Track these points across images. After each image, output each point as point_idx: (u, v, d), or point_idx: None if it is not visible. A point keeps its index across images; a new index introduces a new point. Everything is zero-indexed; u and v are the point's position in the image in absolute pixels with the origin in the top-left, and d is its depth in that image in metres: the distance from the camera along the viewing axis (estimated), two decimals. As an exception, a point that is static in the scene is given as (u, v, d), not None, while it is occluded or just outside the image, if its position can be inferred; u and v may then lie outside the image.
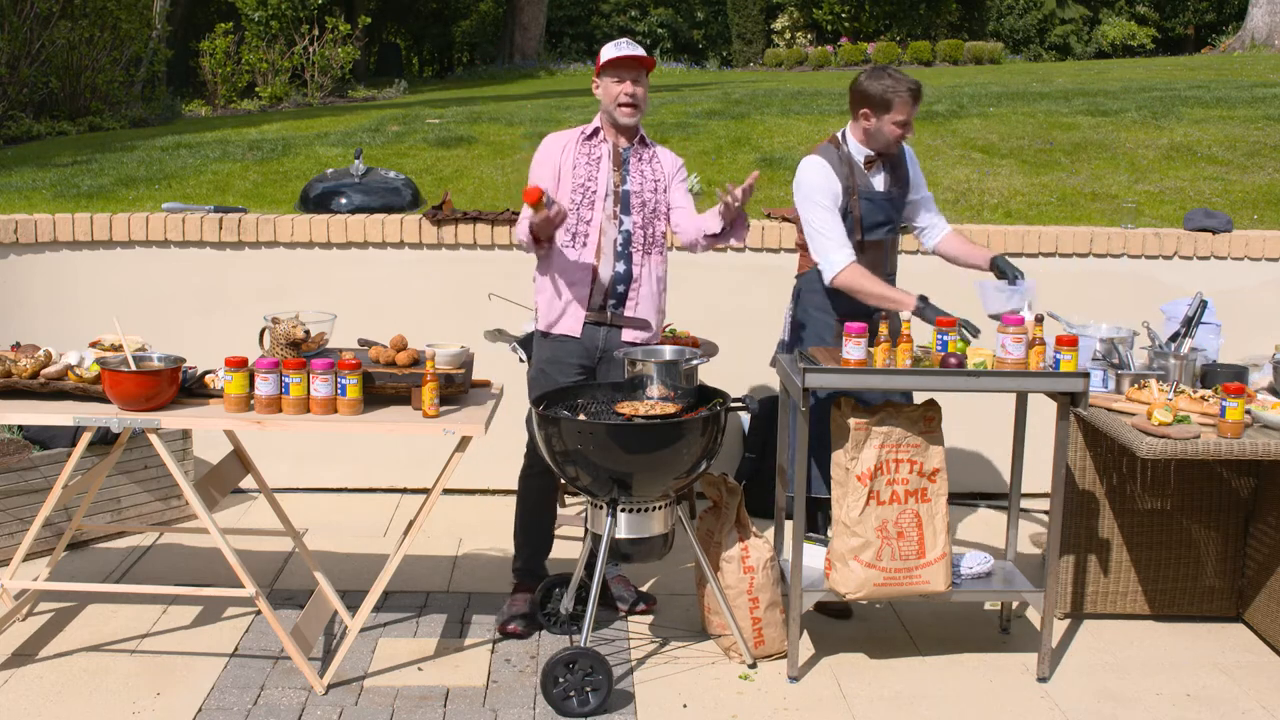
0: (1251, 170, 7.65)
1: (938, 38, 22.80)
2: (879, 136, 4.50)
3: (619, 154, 4.41)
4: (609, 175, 4.38)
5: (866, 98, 4.46)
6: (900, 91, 4.42)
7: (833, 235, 4.43)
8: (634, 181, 4.41)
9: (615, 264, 4.37)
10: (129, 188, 7.04)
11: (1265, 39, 19.14)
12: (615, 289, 4.39)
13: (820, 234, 4.45)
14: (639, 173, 4.43)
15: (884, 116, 4.45)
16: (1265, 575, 4.57)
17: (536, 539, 4.61)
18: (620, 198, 4.38)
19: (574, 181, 4.36)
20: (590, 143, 4.41)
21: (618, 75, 4.33)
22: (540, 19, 24.21)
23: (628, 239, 4.37)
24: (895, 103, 4.42)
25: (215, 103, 14.98)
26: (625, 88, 4.32)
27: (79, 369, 4.02)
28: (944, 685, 4.15)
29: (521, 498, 4.60)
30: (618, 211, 4.38)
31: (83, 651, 4.27)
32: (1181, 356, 4.55)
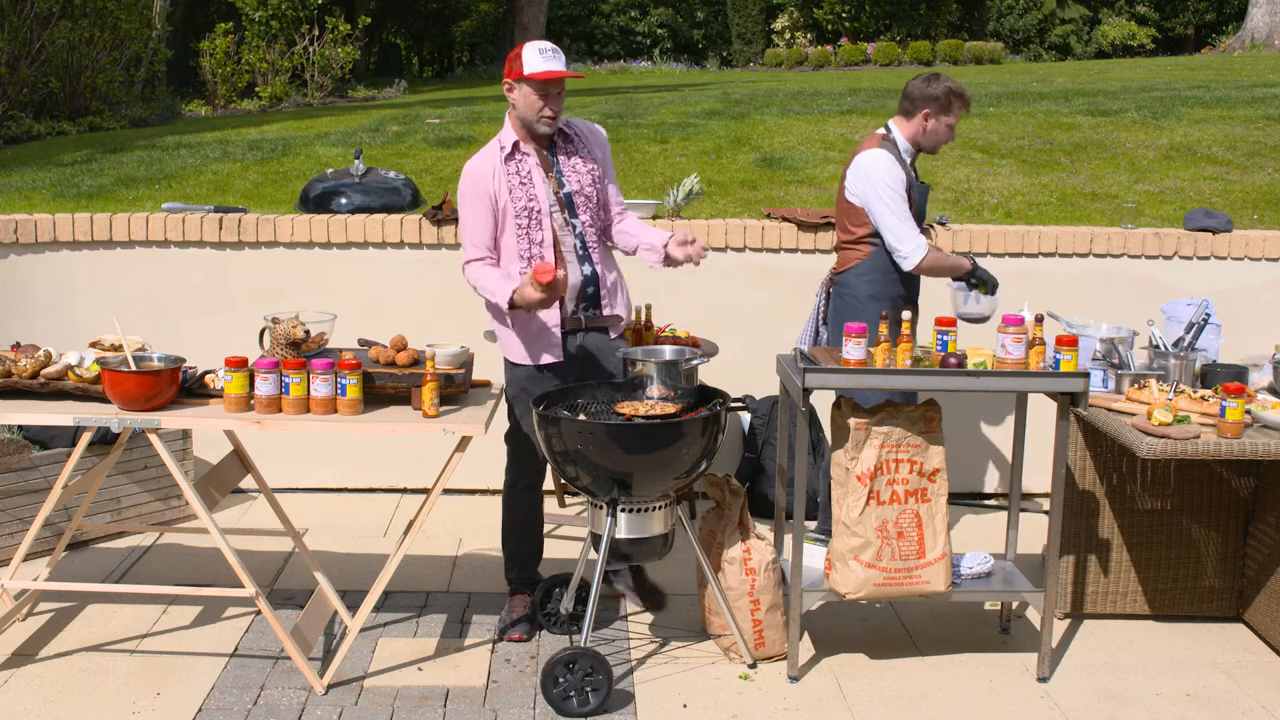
0: (1251, 170, 7.65)
1: (938, 38, 22.81)
2: (934, 135, 4.86)
3: (546, 160, 4.27)
4: (545, 186, 4.24)
5: (930, 99, 4.81)
6: (958, 98, 4.83)
7: (910, 224, 4.74)
8: (571, 181, 4.28)
9: (581, 268, 4.28)
10: (129, 188, 7.04)
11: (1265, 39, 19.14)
12: (586, 292, 4.31)
13: (903, 224, 4.73)
14: (572, 170, 4.28)
15: (942, 118, 4.82)
16: (1265, 575, 4.57)
17: (529, 548, 4.59)
18: (564, 202, 4.26)
19: (514, 207, 4.19)
20: (513, 161, 4.23)
21: (542, 89, 4.13)
22: (540, 19, 24.20)
23: (583, 240, 4.28)
24: (954, 106, 4.82)
25: (215, 103, 14.99)
26: (550, 104, 4.16)
27: (79, 369, 4.02)
28: (944, 685, 4.15)
29: (509, 512, 4.55)
30: (567, 217, 4.26)
31: (83, 651, 4.27)
32: (1183, 357, 4.56)
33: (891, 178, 4.73)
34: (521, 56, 4.13)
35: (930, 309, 4.98)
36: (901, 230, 4.72)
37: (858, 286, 4.86)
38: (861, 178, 4.80)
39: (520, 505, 4.54)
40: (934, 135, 4.86)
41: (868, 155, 4.82)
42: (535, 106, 4.15)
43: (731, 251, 6.06)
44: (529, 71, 4.10)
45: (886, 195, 4.72)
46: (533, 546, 4.60)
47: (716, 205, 6.76)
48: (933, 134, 4.85)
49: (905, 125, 4.88)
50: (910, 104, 4.86)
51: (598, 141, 4.40)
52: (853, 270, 4.88)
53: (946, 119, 4.83)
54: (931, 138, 4.86)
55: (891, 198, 4.72)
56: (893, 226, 4.73)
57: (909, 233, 4.72)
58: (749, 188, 7.16)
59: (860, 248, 4.86)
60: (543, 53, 4.12)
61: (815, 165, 7.63)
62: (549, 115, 4.17)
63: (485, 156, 4.26)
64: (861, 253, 4.85)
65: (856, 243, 4.87)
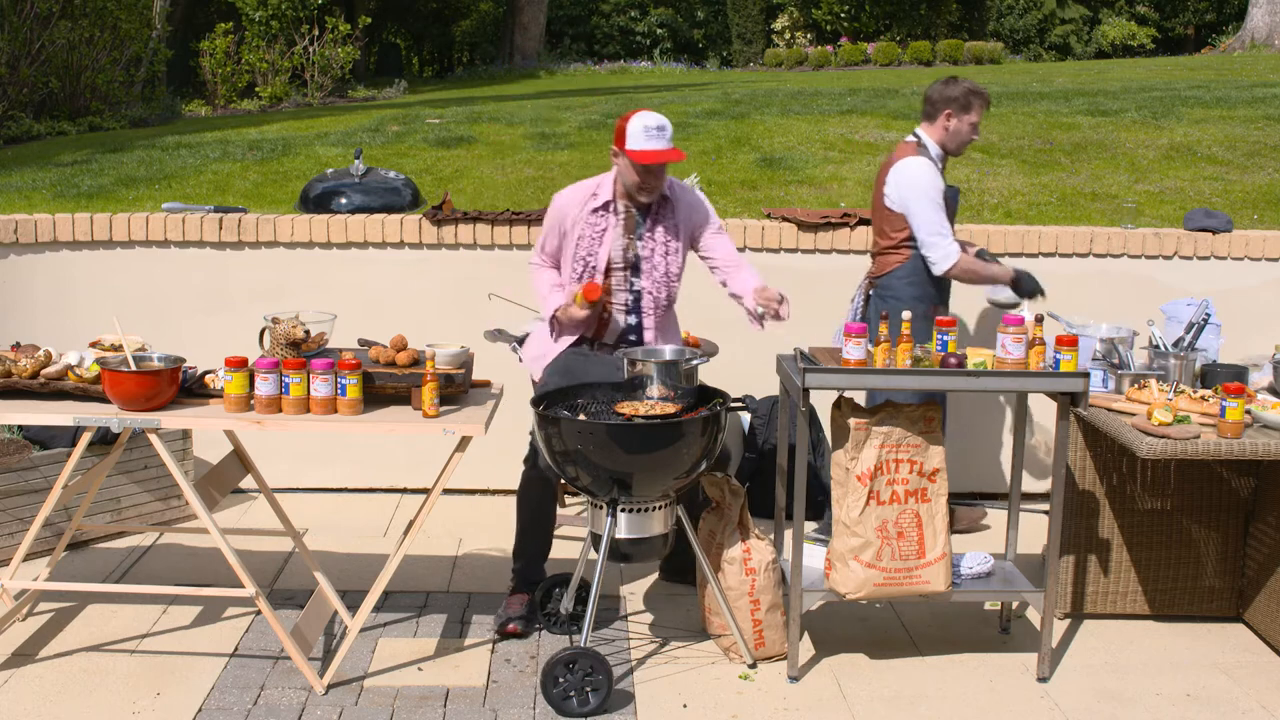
0: (1251, 170, 7.65)
1: (938, 38, 22.80)
2: (957, 136, 5.02)
3: (632, 220, 4.37)
4: (617, 243, 4.36)
5: (950, 101, 4.99)
6: (977, 98, 4.99)
7: (947, 230, 4.92)
8: (646, 248, 4.39)
9: (627, 318, 4.44)
10: (129, 188, 7.04)
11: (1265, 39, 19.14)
12: (627, 338, 4.47)
13: (938, 229, 4.91)
14: (652, 237, 4.38)
15: (964, 118, 4.99)
16: (1265, 575, 4.57)
17: (537, 544, 4.59)
18: (630, 262, 4.39)
19: (575, 253, 4.37)
20: (597, 214, 4.34)
21: (643, 168, 4.21)
22: (540, 19, 24.22)
23: (638, 298, 4.43)
24: (974, 106, 4.99)
25: (215, 103, 14.99)
26: (649, 180, 4.24)
27: (79, 369, 4.02)
28: (944, 685, 4.15)
29: (523, 504, 4.56)
30: (628, 275, 4.40)
31: (83, 651, 4.27)
32: (1183, 357, 4.56)
33: (929, 184, 4.91)
34: (627, 129, 4.17)
35: (930, 309, 4.98)
36: (935, 237, 4.90)
37: (900, 289, 5.03)
38: (900, 185, 4.96)
39: (533, 498, 4.53)
40: (957, 135, 5.01)
41: (906, 163, 4.99)
42: (634, 181, 4.25)
43: (731, 251, 6.05)
44: (630, 148, 4.17)
45: (921, 203, 4.91)
46: (542, 542, 4.59)
47: (716, 205, 6.76)
48: (955, 134, 5.01)
49: (930, 130, 5.06)
50: (931, 107, 5.04)
51: (693, 213, 4.47)
52: (894, 274, 5.06)
53: (968, 118, 4.99)
54: (955, 138, 5.02)
55: (928, 205, 4.90)
56: (927, 232, 4.91)
57: (942, 239, 4.90)
58: (749, 188, 7.16)
59: (901, 251, 5.03)
60: (647, 130, 4.17)
61: (815, 165, 7.63)
62: (647, 191, 4.27)
63: (577, 194, 4.40)
64: (902, 256, 5.03)
65: (896, 247, 5.04)
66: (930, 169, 4.95)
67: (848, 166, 7.62)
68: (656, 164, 4.21)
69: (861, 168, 7.58)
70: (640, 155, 4.17)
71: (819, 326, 5.64)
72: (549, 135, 8.58)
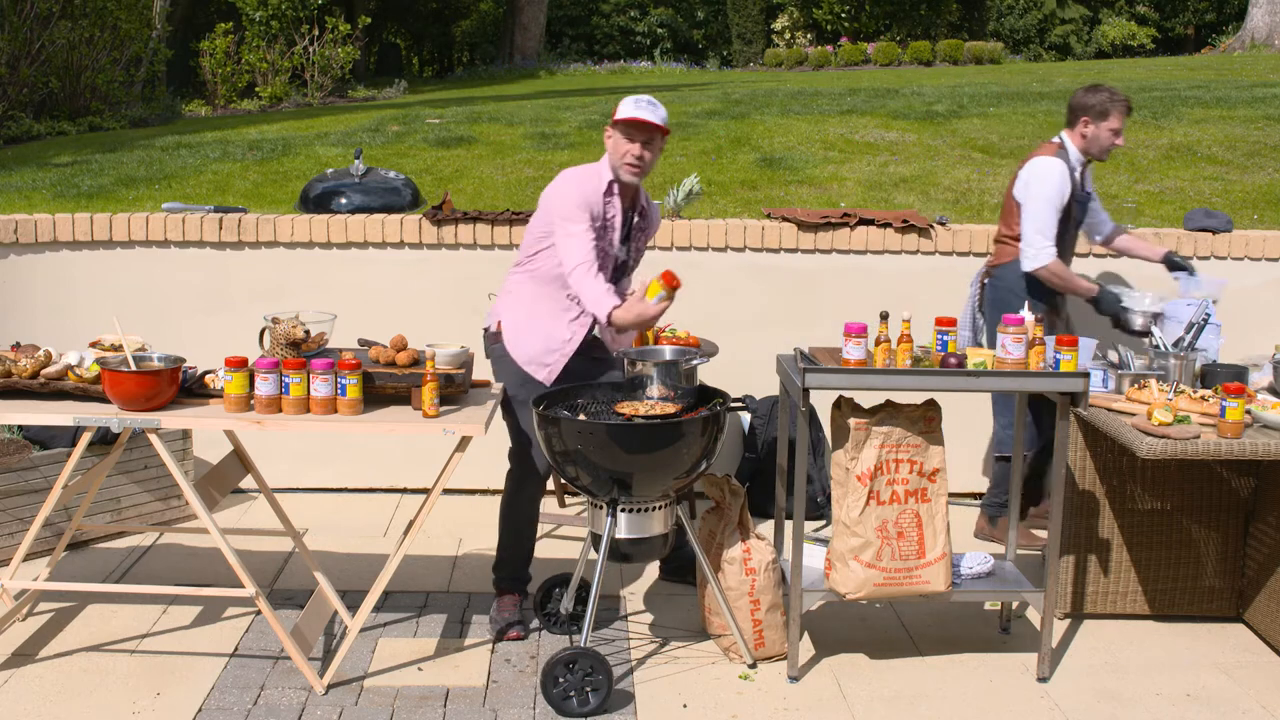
0: (1251, 170, 7.65)
1: (938, 38, 22.80)
2: (1096, 142, 5.12)
3: (628, 220, 4.36)
4: (619, 235, 4.33)
5: (1087, 108, 5.11)
6: (1116, 103, 5.08)
7: (1049, 233, 5.04)
8: (633, 250, 4.44)
9: None
10: (129, 188, 7.04)
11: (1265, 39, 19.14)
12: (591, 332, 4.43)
13: (1043, 230, 5.03)
14: (635, 242, 4.43)
15: (1101, 124, 5.09)
16: (1265, 575, 4.57)
17: (525, 548, 4.58)
18: (619, 268, 4.39)
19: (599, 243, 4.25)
20: (608, 199, 4.27)
21: (629, 134, 4.19)
22: (540, 19, 24.21)
23: None
24: (1111, 112, 5.08)
25: (215, 103, 14.99)
26: (634, 149, 4.19)
27: (79, 369, 4.02)
28: (944, 685, 4.15)
29: (512, 511, 4.52)
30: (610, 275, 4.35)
31: (83, 651, 4.27)
32: (1183, 357, 4.56)
33: (1055, 188, 5.05)
34: (619, 105, 4.24)
35: (934, 310, 4.97)
36: (1037, 235, 5.04)
37: (1013, 280, 5.18)
38: (1028, 181, 5.13)
39: (523, 504, 4.52)
40: (1096, 141, 5.12)
41: (1041, 161, 5.14)
42: (620, 150, 4.21)
43: (731, 251, 6.06)
44: (620, 115, 4.20)
45: (1040, 201, 5.05)
46: (530, 546, 4.59)
47: (716, 205, 6.76)
48: (1095, 140, 5.12)
49: (1071, 135, 5.19)
50: (1071, 114, 5.19)
51: (653, 226, 4.53)
52: (1009, 265, 5.22)
53: (1106, 124, 5.09)
54: (1095, 144, 5.13)
55: (1044, 204, 5.03)
56: (1031, 229, 5.06)
57: (1041, 239, 5.03)
58: (749, 188, 7.16)
59: (1017, 245, 5.18)
60: (638, 101, 4.22)
61: (815, 165, 7.63)
62: (631, 162, 4.20)
63: (594, 179, 4.26)
64: (1010, 253, 5.21)
65: (1016, 239, 5.19)
66: (1060, 171, 5.06)
67: (848, 166, 7.62)
68: (641, 130, 4.18)
69: (861, 168, 7.58)
70: (631, 120, 4.16)
71: (819, 326, 5.65)
72: (549, 135, 8.58)
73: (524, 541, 4.55)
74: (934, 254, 6.10)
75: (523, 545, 4.55)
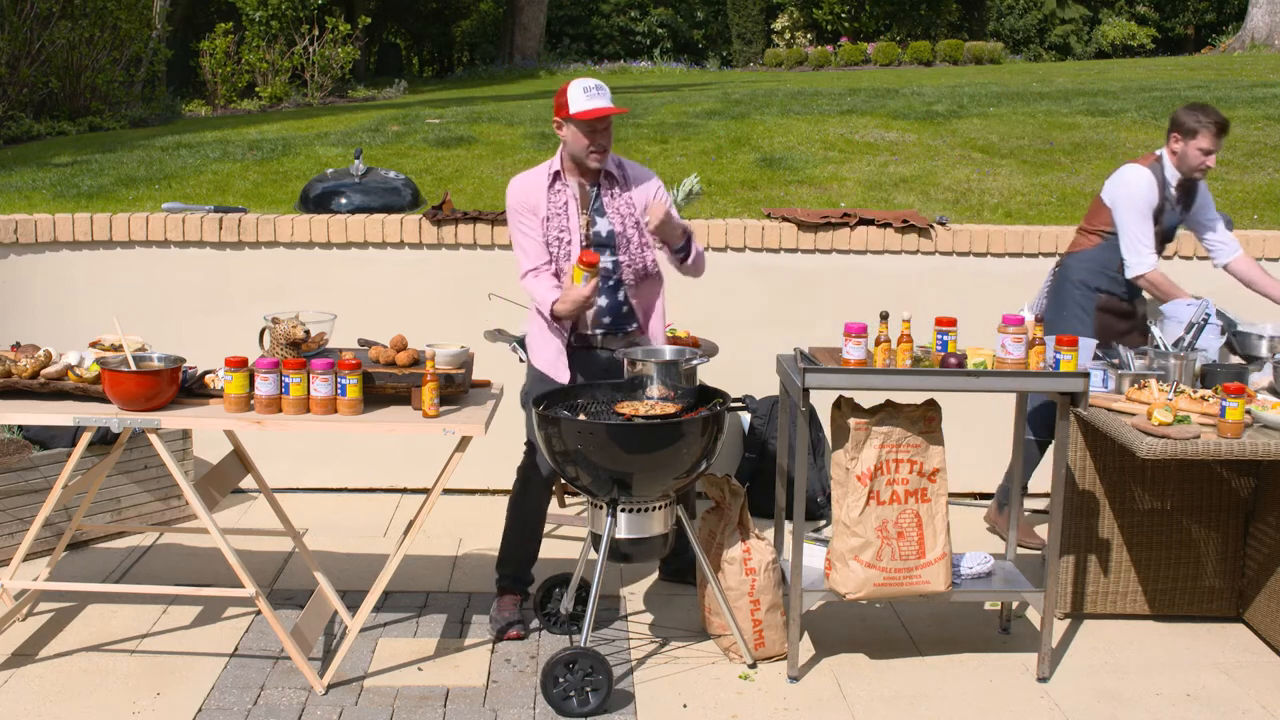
0: (1251, 170, 7.65)
1: (938, 37, 22.80)
2: (1185, 159, 5.15)
3: (585, 195, 4.33)
4: (576, 219, 4.31)
5: (1178, 125, 5.16)
6: (1207, 123, 5.09)
7: (1146, 240, 5.13)
8: (615, 222, 4.34)
9: (600, 298, 4.32)
10: (129, 188, 7.04)
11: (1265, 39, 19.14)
12: (602, 320, 4.37)
13: (1138, 238, 5.13)
14: (615, 211, 4.35)
15: (1190, 142, 5.12)
16: (1265, 575, 4.57)
17: (529, 549, 4.58)
18: (593, 239, 4.31)
19: (549, 233, 4.30)
20: (554, 190, 4.31)
21: (589, 127, 4.20)
22: (540, 19, 24.21)
23: (607, 275, 4.32)
24: (1200, 131, 5.09)
25: (215, 103, 14.99)
26: (596, 140, 4.22)
27: (79, 369, 4.02)
28: (944, 685, 4.15)
29: (518, 510, 4.53)
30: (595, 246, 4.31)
31: (83, 651, 4.27)
32: (1183, 357, 4.56)
33: (1139, 195, 5.13)
34: (567, 94, 4.22)
35: (934, 310, 4.97)
36: (1136, 244, 5.13)
37: (1074, 270, 5.33)
38: (1114, 186, 5.22)
39: (530, 506, 4.52)
40: (1185, 159, 5.15)
41: (1131, 168, 5.22)
42: (583, 144, 4.23)
43: (731, 251, 6.06)
44: (574, 110, 4.18)
45: (1132, 212, 5.13)
46: (534, 547, 4.59)
47: (716, 205, 6.76)
48: (1183, 158, 5.15)
49: (1167, 150, 5.23)
50: (1168, 129, 5.23)
51: (644, 180, 4.44)
52: (1075, 255, 5.36)
53: (1194, 143, 5.10)
54: (1184, 161, 5.15)
55: (1133, 214, 5.13)
56: (1129, 239, 5.14)
57: (1139, 248, 5.12)
58: (749, 188, 7.16)
59: (1091, 238, 5.31)
60: (586, 90, 4.21)
61: (815, 165, 7.63)
62: (595, 152, 4.25)
63: (533, 176, 4.38)
64: (1090, 242, 5.31)
65: (1090, 232, 5.32)
66: (1147, 181, 5.14)
67: (848, 166, 7.62)
68: (601, 119, 4.20)
69: (861, 168, 7.58)
70: (585, 114, 4.17)
71: (819, 326, 5.64)
72: (549, 135, 8.58)
73: (529, 541, 4.55)
74: (934, 254, 6.10)
75: (527, 544, 4.55)
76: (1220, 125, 5.11)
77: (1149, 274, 5.13)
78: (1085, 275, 5.27)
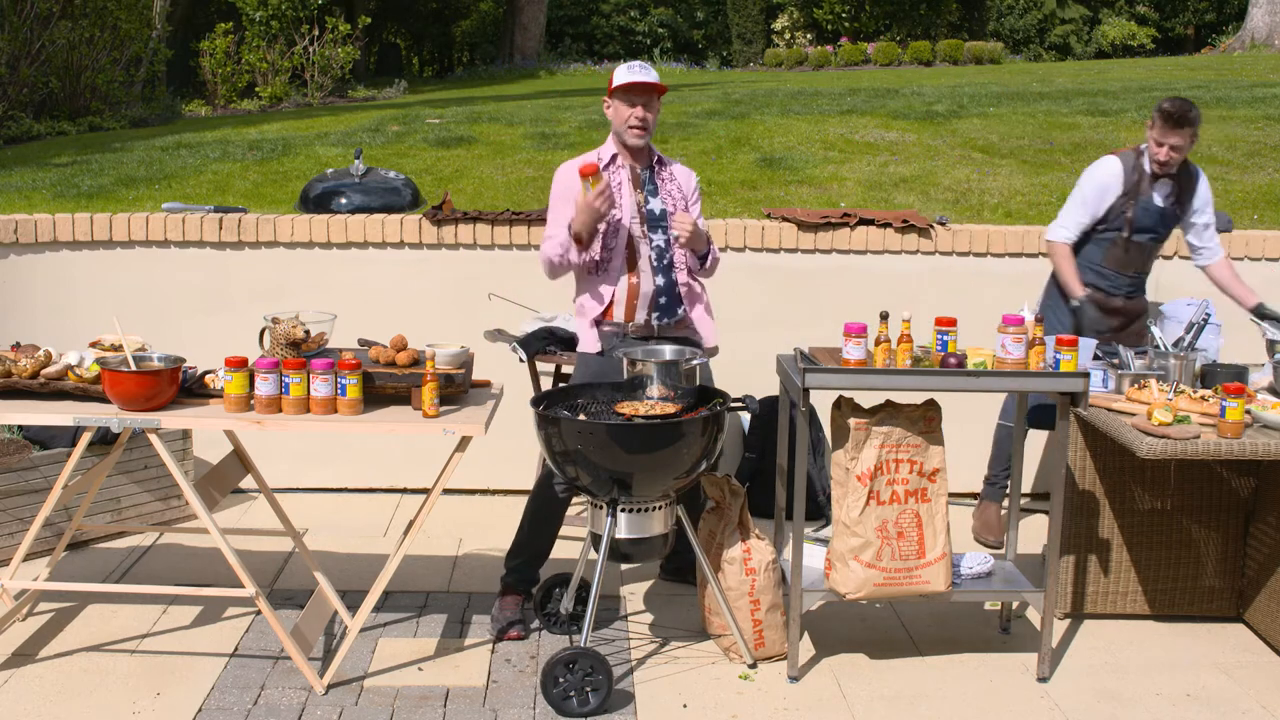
0: (1252, 170, 7.65)
1: (938, 38, 22.80)
2: (1150, 149, 5.17)
3: (637, 175, 4.47)
4: (631, 198, 4.43)
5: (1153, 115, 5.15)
6: (1159, 113, 5.07)
7: (1073, 218, 5.26)
8: (667, 201, 4.48)
9: (655, 278, 4.43)
10: (129, 188, 7.04)
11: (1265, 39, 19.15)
12: (658, 301, 4.44)
13: (1068, 212, 5.29)
14: (667, 193, 4.50)
15: (1149, 132, 5.15)
16: (1265, 575, 4.57)
17: (541, 546, 4.57)
18: (646, 217, 4.44)
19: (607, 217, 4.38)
20: (607, 171, 4.43)
21: (629, 99, 4.38)
22: (540, 19, 24.20)
23: (661, 254, 4.44)
24: (1156, 122, 5.10)
25: (215, 103, 14.98)
26: (636, 111, 4.38)
27: (79, 369, 4.02)
28: (944, 685, 4.15)
29: (536, 507, 4.53)
30: (646, 230, 4.43)
31: (83, 652, 4.27)
32: (1182, 357, 4.56)
33: (1092, 180, 5.24)
34: (613, 77, 4.42)
35: (934, 310, 4.97)
36: (1063, 216, 5.29)
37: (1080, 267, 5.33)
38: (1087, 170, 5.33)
39: (548, 502, 4.49)
40: (1150, 149, 5.16)
41: (1104, 157, 5.33)
42: (623, 116, 4.41)
43: (732, 251, 6.06)
44: (616, 84, 4.38)
45: (1076, 190, 5.30)
46: (544, 547, 4.57)
47: (716, 205, 6.76)
48: (1149, 149, 5.17)
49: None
50: None
51: (687, 182, 4.62)
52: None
53: (1151, 133, 5.13)
54: (1150, 151, 5.17)
55: (1076, 195, 5.27)
56: (1063, 211, 5.32)
57: (1065, 221, 5.27)
58: (749, 188, 7.16)
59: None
60: (630, 68, 4.43)
61: (815, 165, 7.63)
62: (635, 125, 4.40)
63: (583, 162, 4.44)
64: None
65: None
66: (1109, 170, 5.21)
67: (848, 166, 7.62)
68: (641, 94, 4.37)
69: (861, 167, 7.58)
70: (626, 86, 4.36)
71: (819, 326, 5.64)
72: (549, 135, 8.58)
73: (541, 537, 4.53)
74: (934, 254, 6.10)
75: (539, 540, 4.53)
76: (1167, 115, 5.05)
77: (1055, 242, 5.27)
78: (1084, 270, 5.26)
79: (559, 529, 4.59)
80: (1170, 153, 5.08)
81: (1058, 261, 5.26)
